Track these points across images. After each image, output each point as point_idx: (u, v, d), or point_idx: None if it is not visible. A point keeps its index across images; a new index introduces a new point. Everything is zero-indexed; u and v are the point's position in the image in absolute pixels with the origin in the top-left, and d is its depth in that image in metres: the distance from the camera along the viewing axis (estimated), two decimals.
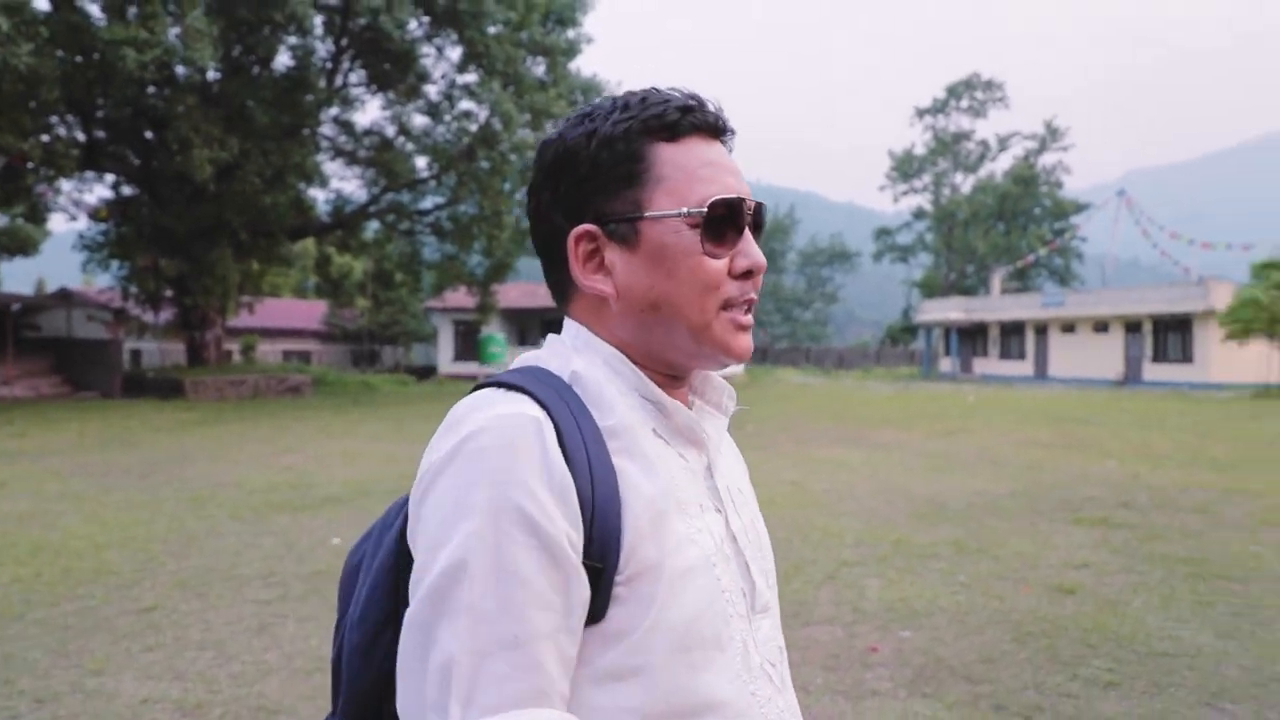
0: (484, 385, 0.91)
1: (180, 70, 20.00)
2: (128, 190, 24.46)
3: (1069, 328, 39.92)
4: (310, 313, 44.18)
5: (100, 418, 17.14)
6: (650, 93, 0.95)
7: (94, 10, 18.44)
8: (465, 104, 25.14)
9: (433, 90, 25.20)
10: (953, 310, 45.13)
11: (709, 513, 0.93)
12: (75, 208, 24.82)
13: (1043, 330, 41.31)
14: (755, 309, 0.98)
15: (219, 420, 16.93)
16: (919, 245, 66.17)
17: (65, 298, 30.76)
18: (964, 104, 64.37)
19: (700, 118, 0.95)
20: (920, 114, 65.56)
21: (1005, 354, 43.67)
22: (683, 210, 0.91)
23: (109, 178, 24.50)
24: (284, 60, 22.53)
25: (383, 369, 39.70)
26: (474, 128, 24.40)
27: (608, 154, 0.92)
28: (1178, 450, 13.03)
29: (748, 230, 0.94)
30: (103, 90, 19.06)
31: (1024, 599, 5.37)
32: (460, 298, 31.52)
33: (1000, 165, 64.51)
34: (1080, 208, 60.01)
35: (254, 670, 4.18)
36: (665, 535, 0.86)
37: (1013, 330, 43.12)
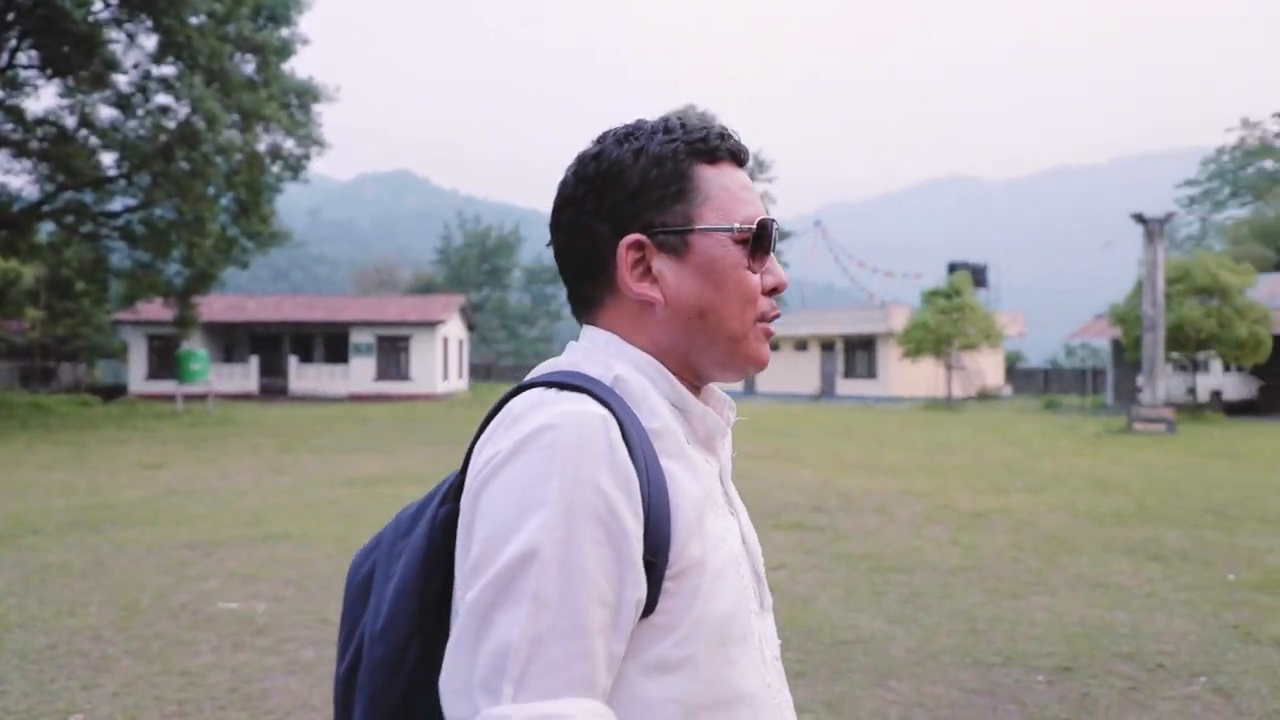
0: (530, 386, 0.92)
1: None
2: None
3: (774, 346, 42.99)
4: None
5: None
6: (687, 119, 1.02)
7: None
8: (162, 98, 22.93)
9: (123, 80, 22.73)
10: None
11: (728, 515, 0.99)
12: None
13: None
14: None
15: None
16: None
17: None
18: None
19: (733, 145, 1.03)
20: None
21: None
22: (734, 226, 0.99)
23: None
24: None
25: (59, 388, 35.22)
26: (172, 125, 22.33)
27: (658, 171, 0.98)
28: (863, 458, 14.47)
29: (771, 251, 1.01)
30: None
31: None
32: (156, 310, 28.64)
33: None
34: (784, 235, 64.88)
35: None
36: (706, 533, 0.91)
37: None
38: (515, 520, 0.81)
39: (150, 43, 22.22)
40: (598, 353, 0.99)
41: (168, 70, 22.41)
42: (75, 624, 5.07)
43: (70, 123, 23.00)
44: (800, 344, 42.18)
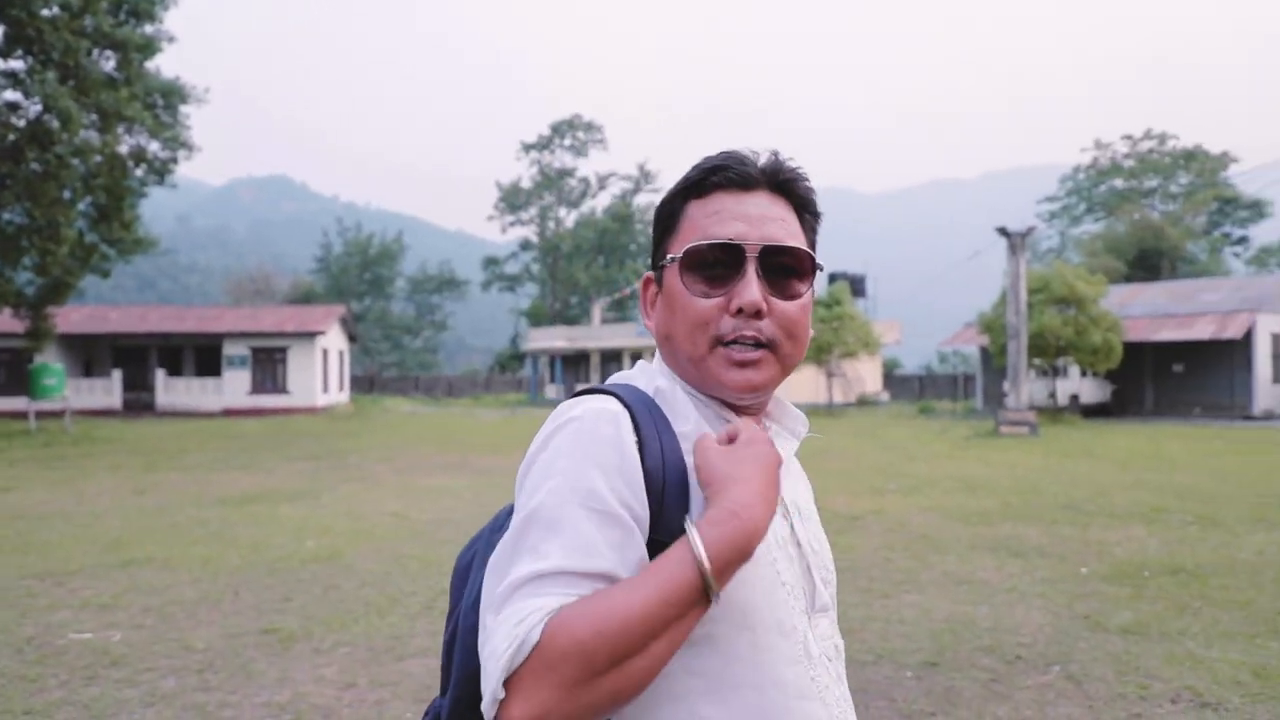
0: (584, 391, 1.06)
1: None
2: None
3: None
4: None
5: None
6: (715, 157, 1.09)
7: None
8: (10, 94, 21.57)
9: None
10: (557, 339, 47.23)
11: (775, 517, 1.02)
12: None
13: (638, 357, 43.85)
14: (779, 344, 1.05)
15: None
16: (526, 275, 68.52)
17: None
18: (567, 142, 68.08)
19: (726, 176, 1.07)
20: (526, 149, 68.19)
21: (606, 379, 46.51)
22: (670, 257, 1.07)
23: None
24: None
25: None
26: (22, 123, 21.01)
27: (663, 213, 1.12)
28: None
29: (751, 270, 1.03)
30: None
31: None
32: (6, 321, 26.82)
33: (600, 202, 68.95)
34: None
35: None
36: None
37: (612, 357, 46.10)
38: (535, 489, 0.94)
39: None
40: (650, 369, 1.13)
41: (16, 64, 21.08)
42: None
43: None
44: None
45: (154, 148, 24.51)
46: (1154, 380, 31.27)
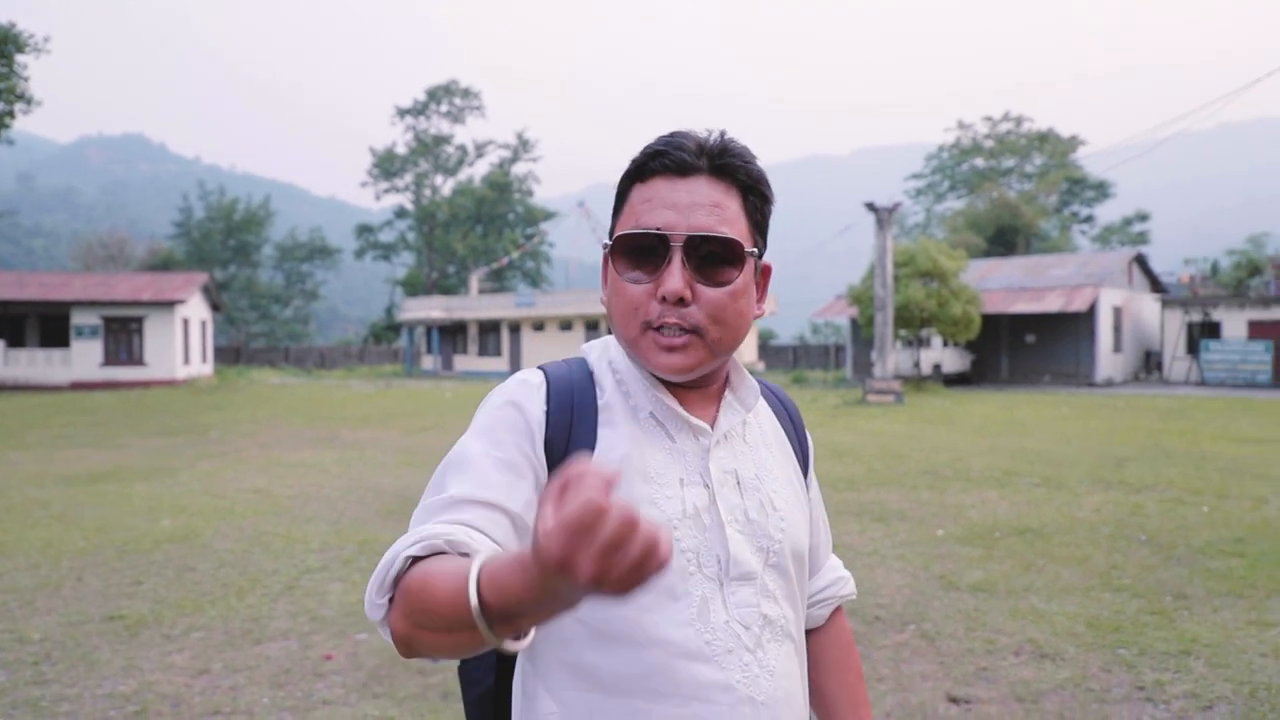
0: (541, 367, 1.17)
1: None
2: None
3: (539, 326, 43.27)
4: None
5: None
6: (657, 138, 1.12)
7: None
8: None
9: None
10: (434, 309, 46.29)
11: (691, 486, 1.09)
12: None
13: (516, 328, 44.22)
14: (705, 330, 1.07)
15: None
16: (401, 244, 66.73)
17: None
18: (444, 108, 66.37)
19: (663, 161, 1.08)
20: (402, 114, 66.16)
21: (483, 351, 45.92)
22: (605, 243, 1.13)
23: None
24: None
25: None
26: None
27: (617, 192, 1.15)
28: None
29: (676, 259, 1.05)
30: None
31: None
32: None
33: (479, 171, 67.73)
34: (549, 215, 65.37)
35: None
36: (621, 494, 0.99)
37: (490, 328, 45.52)
38: (457, 443, 1.09)
39: None
40: (603, 344, 1.19)
41: None
42: None
43: None
44: (565, 323, 42.52)
45: None
46: (1009, 350, 33.01)
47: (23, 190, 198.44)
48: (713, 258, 1.07)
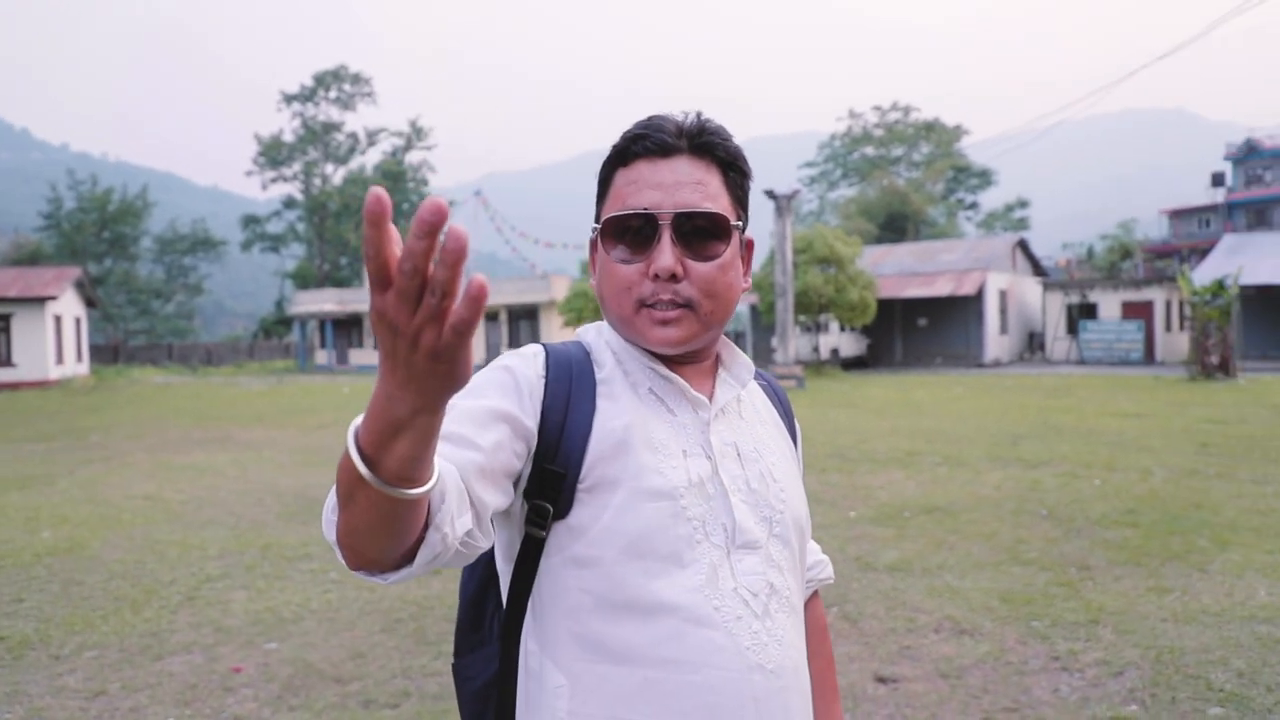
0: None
1: None
2: None
3: None
4: None
5: None
6: (636, 123, 1.15)
7: None
8: None
9: None
10: (327, 302, 44.96)
11: (694, 457, 1.10)
12: None
13: None
14: (697, 303, 1.10)
15: None
16: (291, 235, 64.53)
17: None
18: (333, 95, 64.37)
19: (644, 145, 1.11)
20: (289, 100, 63.88)
21: None
22: (594, 227, 1.16)
23: None
24: None
25: None
26: None
27: (599, 179, 1.18)
28: None
29: (665, 237, 1.08)
30: None
31: (395, 587, 5.43)
32: None
33: (371, 159, 65.82)
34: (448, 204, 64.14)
35: None
36: (627, 461, 1.06)
37: None
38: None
39: None
40: (597, 328, 1.21)
41: None
42: None
43: None
44: None
45: None
46: (903, 334, 34.06)
47: None
48: (700, 233, 1.11)
